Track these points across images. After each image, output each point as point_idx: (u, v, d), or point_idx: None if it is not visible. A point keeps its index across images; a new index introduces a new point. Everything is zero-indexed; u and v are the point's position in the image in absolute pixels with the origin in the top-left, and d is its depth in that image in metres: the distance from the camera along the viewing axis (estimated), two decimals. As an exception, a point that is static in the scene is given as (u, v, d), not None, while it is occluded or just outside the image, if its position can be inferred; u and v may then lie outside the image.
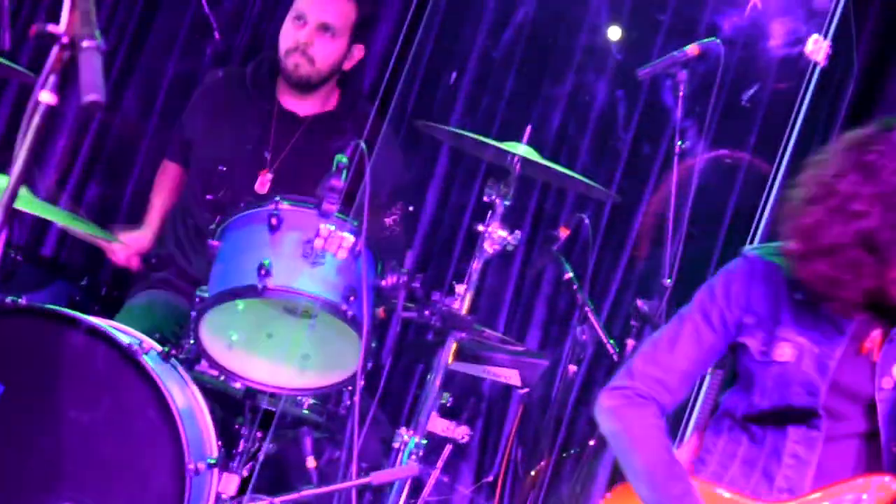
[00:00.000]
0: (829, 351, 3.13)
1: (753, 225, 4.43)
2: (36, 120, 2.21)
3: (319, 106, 4.84)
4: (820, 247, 3.04)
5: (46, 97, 2.21)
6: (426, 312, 4.03)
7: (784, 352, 3.16)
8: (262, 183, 4.71)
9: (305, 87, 4.76)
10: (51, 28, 2.23)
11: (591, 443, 4.62)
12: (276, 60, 4.83)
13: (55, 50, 2.22)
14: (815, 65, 4.38)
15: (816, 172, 3.11)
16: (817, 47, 4.32)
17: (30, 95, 2.23)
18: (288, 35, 4.73)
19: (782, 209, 3.21)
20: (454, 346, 4.09)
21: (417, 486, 4.31)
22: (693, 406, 4.40)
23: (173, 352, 3.95)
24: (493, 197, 4.11)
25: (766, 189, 4.50)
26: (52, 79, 2.22)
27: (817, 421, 3.14)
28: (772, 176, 4.47)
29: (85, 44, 2.19)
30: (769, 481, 3.17)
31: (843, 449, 3.15)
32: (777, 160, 4.46)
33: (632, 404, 3.24)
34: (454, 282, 4.12)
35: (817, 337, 3.15)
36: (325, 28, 4.70)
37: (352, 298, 3.81)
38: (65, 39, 2.22)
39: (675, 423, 4.19)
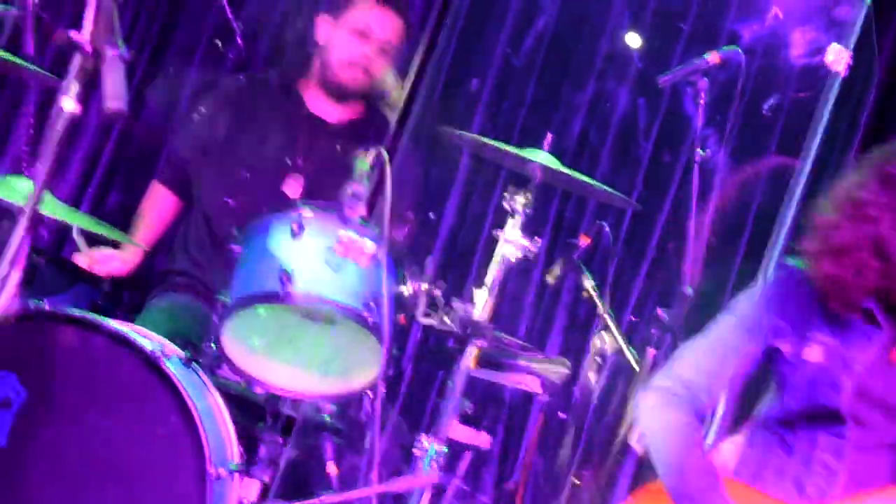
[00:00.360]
0: (857, 355, 3.18)
1: (774, 233, 4.43)
2: (59, 127, 2.22)
3: (349, 114, 4.85)
4: (830, 247, 3.15)
5: (70, 105, 2.23)
6: (446, 319, 4.04)
7: (814, 352, 3.23)
8: (293, 187, 4.71)
9: (350, 97, 4.78)
10: (74, 35, 2.24)
11: (614, 450, 4.62)
12: (303, 65, 4.83)
13: (78, 58, 2.23)
14: (836, 74, 4.38)
15: (844, 183, 3.22)
16: (838, 57, 4.32)
17: (52, 99, 2.24)
18: (350, 48, 4.71)
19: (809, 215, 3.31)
20: (475, 352, 4.10)
21: (438, 493, 4.32)
22: (712, 415, 4.40)
23: (195, 357, 3.96)
24: (514, 204, 4.12)
25: (787, 198, 4.49)
26: (74, 86, 2.23)
27: (843, 429, 3.17)
28: (792, 185, 4.47)
29: (108, 52, 2.20)
30: (799, 490, 3.21)
31: (875, 459, 3.18)
32: (797, 170, 4.46)
33: (668, 403, 3.30)
34: (474, 289, 4.13)
35: (847, 341, 3.20)
36: (387, 46, 4.73)
37: (373, 305, 3.82)
38: (87, 48, 2.23)
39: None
